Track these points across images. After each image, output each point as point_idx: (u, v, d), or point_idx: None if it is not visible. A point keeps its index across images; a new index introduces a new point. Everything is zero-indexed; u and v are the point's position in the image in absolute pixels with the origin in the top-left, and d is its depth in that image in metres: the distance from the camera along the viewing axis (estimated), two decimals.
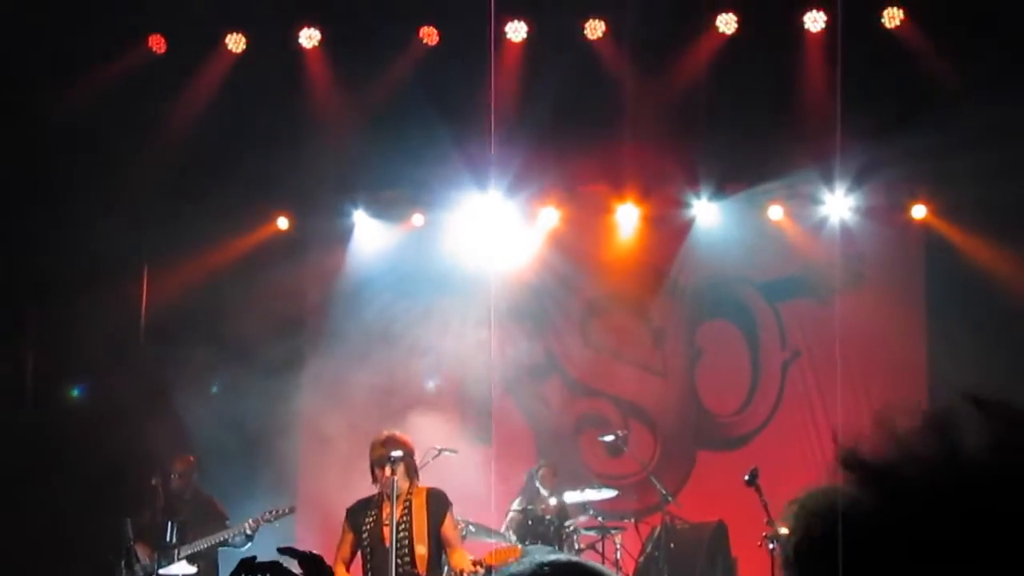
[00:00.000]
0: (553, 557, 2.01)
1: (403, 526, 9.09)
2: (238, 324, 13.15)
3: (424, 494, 9.22)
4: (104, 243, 12.59)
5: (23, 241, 12.93)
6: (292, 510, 11.90)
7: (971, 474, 1.49)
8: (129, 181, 12.79)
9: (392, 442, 9.20)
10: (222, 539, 11.59)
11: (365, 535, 9.17)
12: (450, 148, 13.33)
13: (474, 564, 8.89)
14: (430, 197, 14.14)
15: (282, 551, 2.70)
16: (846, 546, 1.50)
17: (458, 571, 8.93)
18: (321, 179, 14.00)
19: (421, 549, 9.00)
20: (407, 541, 9.05)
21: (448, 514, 9.18)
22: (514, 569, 1.97)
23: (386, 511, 9.13)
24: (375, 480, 9.23)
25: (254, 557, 2.76)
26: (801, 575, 1.57)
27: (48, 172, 12.96)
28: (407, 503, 9.14)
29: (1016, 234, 13.13)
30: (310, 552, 2.74)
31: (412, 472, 9.27)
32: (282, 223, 14.61)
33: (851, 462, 1.60)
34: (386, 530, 9.08)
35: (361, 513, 9.29)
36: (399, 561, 8.95)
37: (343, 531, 9.37)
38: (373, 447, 9.26)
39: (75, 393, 11.42)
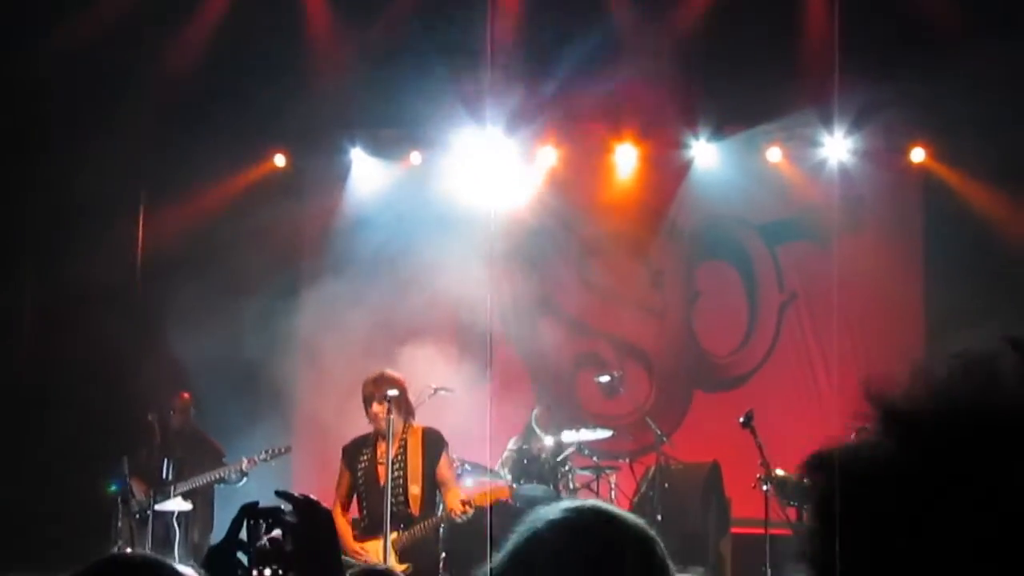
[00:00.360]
0: (578, 503, 2.03)
1: (398, 465, 9.11)
2: (235, 262, 13.13)
3: (420, 434, 9.23)
4: (100, 181, 12.54)
5: (18, 181, 12.89)
6: (288, 450, 11.94)
7: (1015, 420, 1.39)
8: (125, 119, 12.72)
9: (383, 380, 9.20)
10: (218, 476, 11.65)
11: (360, 474, 9.20)
12: (448, 86, 13.26)
13: (463, 504, 8.91)
14: (428, 136, 14.09)
15: (279, 494, 2.70)
16: (883, 505, 1.40)
17: (450, 511, 8.97)
18: (319, 117, 13.95)
19: (415, 489, 9.04)
20: (401, 480, 9.08)
21: (443, 454, 9.20)
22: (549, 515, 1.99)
23: (381, 450, 9.15)
24: (369, 418, 9.24)
25: (256, 503, 2.76)
26: (830, 537, 1.45)
27: (42, 111, 12.90)
28: (402, 442, 9.16)
29: (1015, 178, 13.11)
30: (304, 495, 2.73)
31: (406, 411, 9.27)
32: (279, 160, 14.58)
33: (888, 413, 1.47)
34: (381, 469, 9.10)
35: (357, 452, 9.31)
36: (393, 500, 8.96)
37: (340, 471, 9.40)
38: (364, 384, 9.26)
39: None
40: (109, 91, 12.71)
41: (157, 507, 11.27)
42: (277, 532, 2.65)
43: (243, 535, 2.67)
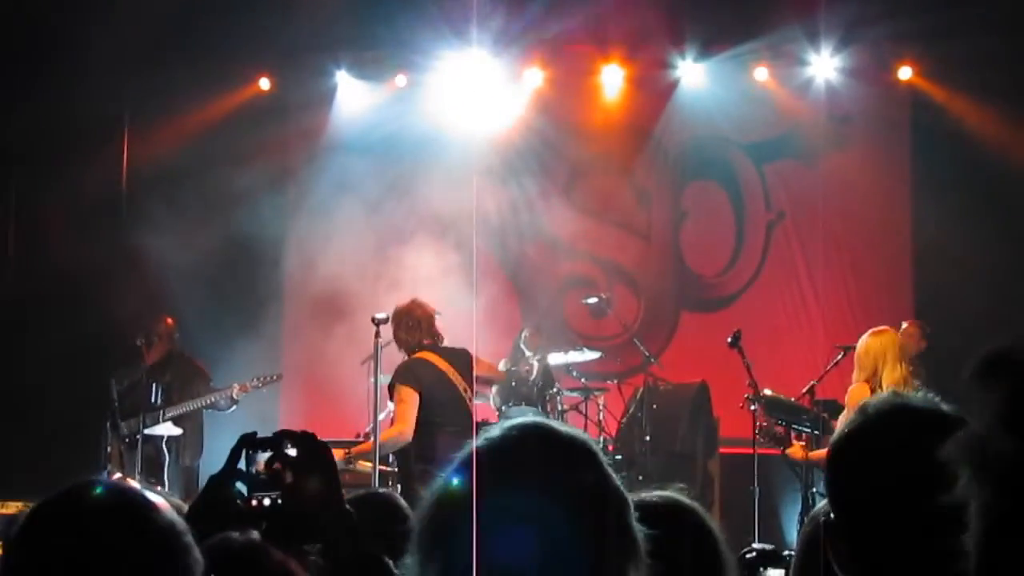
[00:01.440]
0: (521, 420, 2.01)
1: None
2: (220, 185, 13.07)
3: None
4: (84, 104, 12.45)
5: (2, 104, 12.79)
6: (279, 377, 11.98)
7: None
8: (108, 41, 12.60)
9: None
10: (208, 401, 11.67)
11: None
12: (433, 7, 13.17)
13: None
14: (414, 58, 13.98)
15: (281, 434, 2.71)
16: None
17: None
18: (303, 40, 13.83)
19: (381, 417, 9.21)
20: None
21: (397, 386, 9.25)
22: (491, 433, 1.97)
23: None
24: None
25: (254, 433, 2.77)
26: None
27: (25, 32, 12.77)
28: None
29: (1003, 94, 13.08)
30: (303, 431, 2.74)
31: (402, 345, 9.45)
32: (264, 84, 14.48)
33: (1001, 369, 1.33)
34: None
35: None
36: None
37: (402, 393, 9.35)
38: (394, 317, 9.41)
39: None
40: (93, 11, 12.58)
41: (147, 431, 11.29)
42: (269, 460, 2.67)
43: (241, 465, 2.69)
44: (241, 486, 2.65)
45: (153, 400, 11.47)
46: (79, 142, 13.01)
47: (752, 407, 9.85)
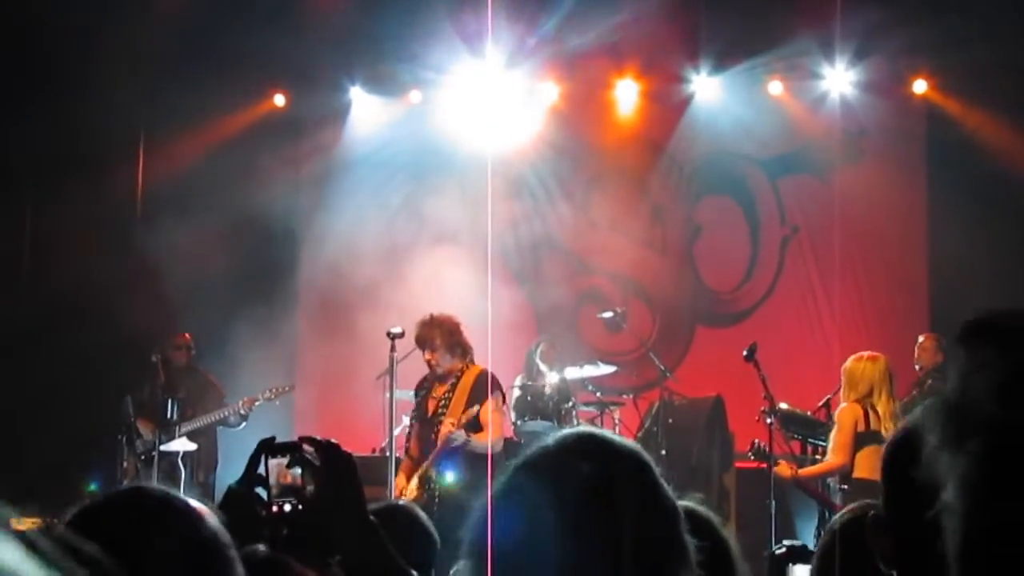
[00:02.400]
0: (571, 430, 2.04)
1: (443, 402, 9.30)
2: (234, 201, 13.09)
3: (474, 374, 9.36)
4: (99, 120, 12.48)
5: (18, 119, 12.82)
6: (291, 388, 11.97)
7: None
8: (123, 58, 12.63)
9: (423, 325, 9.38)
10: (218, 417, 11.68)
11: (415, 409, 9.55)
12: (447, 22, 13.20)
13: (452, 425, 9.07)
14: (427, 74, 14.00)
15: (303, 440, 2.71)
16: None
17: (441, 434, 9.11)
18: (318, 56, 13.86)
19: (450, 424, 9.14)
20: (442, 416, 9.25)
21: (491, 397, 9.24)
22: (545, 440, 2.00)
23: (435, 388, 9.43)
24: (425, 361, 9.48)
25: (273, 438, 2.77)
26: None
27: (41, 47, 12.81)
28: (453, 382, 9.34)
29: (1018, 105, 13.05)
30: (327, 440, 2.74)
31: (456, 350, 9.39)
32: (279, 100, 14.52)
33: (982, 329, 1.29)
34: (430, 403, 9.36)
35: (420, 386, 9.60)
36: (433, 434, 9.21)
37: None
38: (418, 327, 9.42)
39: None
40: (108, 28, 12.62)
41: (162, 447, 11.31)
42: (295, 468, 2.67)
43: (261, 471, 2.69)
44: (261, 492, 2.65)
45: (169, 416, 11.48)
46: (94, 157, 13.03)
47: (768, 421, 9.82)
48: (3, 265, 13.33)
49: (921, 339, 11.28)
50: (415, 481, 9.17)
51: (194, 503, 2.12)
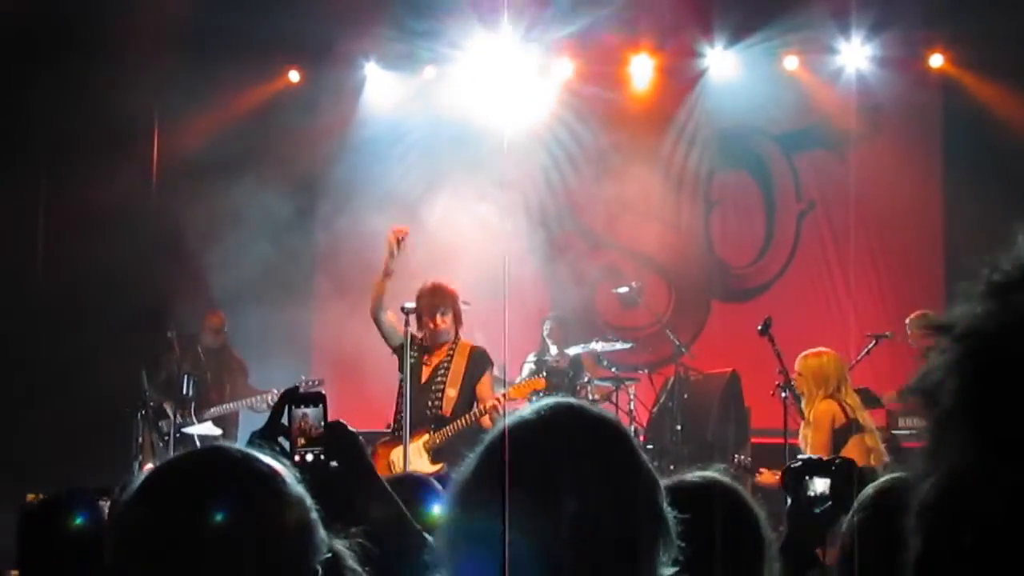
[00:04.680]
0: (554, 400, 2.05)
1: (441, 371, 9.38)
2: (249, 178, 13.10)
3: (467, 350, 9.46)
4: (113, 99, 12.48)
5: (33, 100, 12.84)
6: (321, 383, 11.96)
7: None
8: (136, 36, 12.64)
9: (438, 291, 9.44)
10: (249, 404, 11.73)
11: (404, 374, 9.39)
12: None
13: (497, 399, 9.06)
14: (442, 49, 13.99)
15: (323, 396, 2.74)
16: None
17: (483, 405, 9.10)
18: (333, 32, 13.85)
19: (452, 391, 9.23)
20: (442, 384, 9.32)
21: (487, 373, 9.38)
22: (523, 413, 2.01)
23: (429, 355, 9.47)
24: (420, 327, 9.40)
25: (296, 388, 2.79)
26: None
27: (56, 26, 12.82)
28: (450, 351, 9.44)
29: None
30: (335, 420, 2.76)
31: (458, 320, 9.53)
32: (294, 76, 14.52)
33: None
34: (425, 370, 9.41)
35: (401, 350, 9.44)
36: (429, 403, 9.26)
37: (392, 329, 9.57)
38: (420, 295, 9.41)
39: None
40: (123, 5, 12.62)
41: (187, 431, 11.34)
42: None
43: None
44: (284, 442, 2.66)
45: (185, 392, 11.51)
46: (110, 135, 13.04)
47: (783, 395, 9.82)
48: (19, 243, 13.35)
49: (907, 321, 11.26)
50: (422, 452, 9.19)
51: (275, 464, 2.06)
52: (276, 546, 1.95)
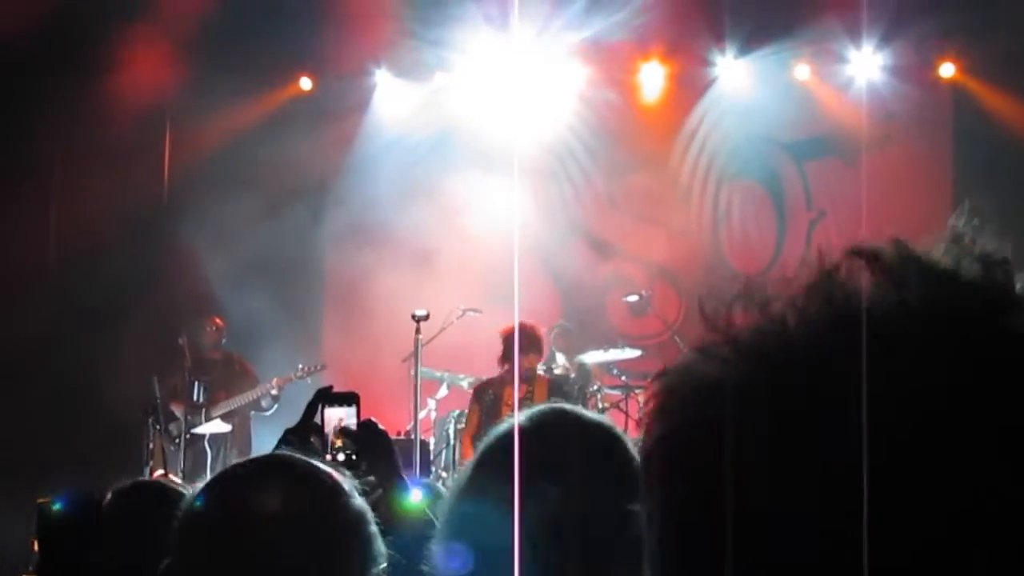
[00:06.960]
0: (549, 405, 2.12)
1: (523, 406, 9.32)
2: (261, 185, 13.12)
3: (546, 383, 9.92)
4: (126, 104, 12.52)
5: (46, 110, 12.86)
6: (323, 367, 11.99)
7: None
8: (150, 42, 12.67)
9: (522, 334, 9.91)
10: (251, 398, 11.74)
11: (485, 410, 9.91)
12: (473, 5, 13.19)
13: None
14: (453, 56, 14.01)
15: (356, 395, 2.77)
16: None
17: None
18: (343, 39, 13.86)
19: None
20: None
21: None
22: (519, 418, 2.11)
23: (506, 392, 9.85)
24: (501, 364, 9.99)
25: (331, 387, 2.80)
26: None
27: (66, 33, 12.85)
28: (530, 387, 9.85)
29: None
30: (367, 419, 2.78)
31: (538, 354, 10.15)
32: (305, 84, 14.53)
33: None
34: (504, 408, 9.72)
35: (484, 391, 10.02)
36: None
37: (471, 407, 10.19)
38: (506, 336, 9.91)
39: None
40: (135, 13, 12.65)
41: (196, 430, 11.36)
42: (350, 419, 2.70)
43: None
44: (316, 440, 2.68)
45: (195, 398, 11.54)
46: (121, 143, 13.07)
47: None
48: (31, 252, 13.37)
49: None
50: None
51: (337, 476, 2.08)
52: (332, 557, 1.98)
